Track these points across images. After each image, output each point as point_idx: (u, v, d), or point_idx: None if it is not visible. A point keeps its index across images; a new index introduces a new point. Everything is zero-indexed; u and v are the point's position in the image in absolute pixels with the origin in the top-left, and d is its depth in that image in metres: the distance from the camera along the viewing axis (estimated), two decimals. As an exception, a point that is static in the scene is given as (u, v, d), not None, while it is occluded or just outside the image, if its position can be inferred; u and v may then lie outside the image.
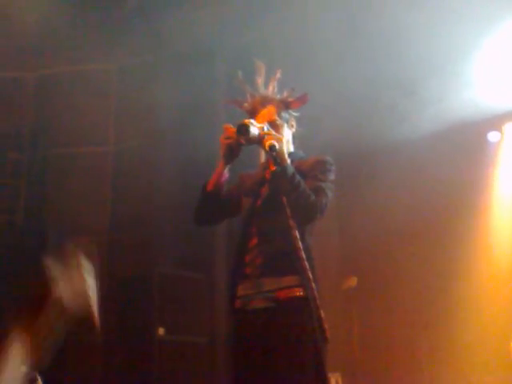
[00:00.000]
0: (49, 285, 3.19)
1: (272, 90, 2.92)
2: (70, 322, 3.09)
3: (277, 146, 2.50)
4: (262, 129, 2.58)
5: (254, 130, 2.55)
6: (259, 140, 2.55)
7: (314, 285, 2.49)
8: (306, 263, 2.51)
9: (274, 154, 2.49)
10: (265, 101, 2.85)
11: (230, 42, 6.76)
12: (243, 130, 2.52)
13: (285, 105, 2.86)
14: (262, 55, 3.08)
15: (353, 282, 6.80)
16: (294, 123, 2.91)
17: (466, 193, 7.03)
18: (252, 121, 2.58)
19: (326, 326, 2.46)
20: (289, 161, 2.61)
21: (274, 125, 2.75)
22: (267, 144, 2.50)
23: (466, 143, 7.00)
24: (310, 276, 2.49)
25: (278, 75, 2.95)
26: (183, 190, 5.55)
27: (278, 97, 2.91)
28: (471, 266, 6.94)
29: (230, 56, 6.79)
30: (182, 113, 6.43)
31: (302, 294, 2.54)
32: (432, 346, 6.87)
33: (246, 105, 2.91)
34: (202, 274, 5.98)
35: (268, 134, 2.56)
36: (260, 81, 2.93)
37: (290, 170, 2.55)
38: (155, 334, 5.60)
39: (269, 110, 2.82)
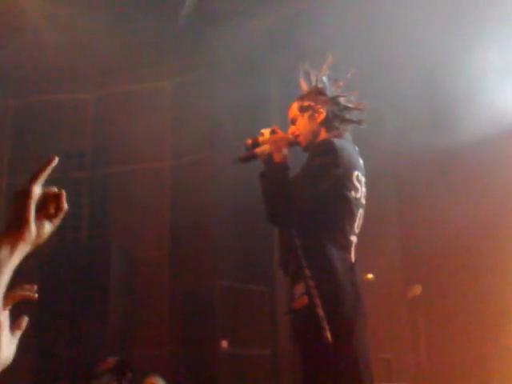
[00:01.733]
0: None
1: (313, 82, 2.86)
2: None
3: (257, 155, 2.67)
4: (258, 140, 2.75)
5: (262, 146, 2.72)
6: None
7: (315, 291, 2.41)
8: (308, 270, 2.44)
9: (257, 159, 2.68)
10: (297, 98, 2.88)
11: (282, 53, 6.77)
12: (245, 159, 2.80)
13: (335, 104, 2.79)
14: (315, 65, 3.06)
15: (417, 290, 6.70)
16: (321, 110, 2.74)
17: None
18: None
19: (325, 326, 2.36)
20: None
21: (294, 120, 2.80)
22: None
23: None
24: (311, 283, 2.43)
25: (326, 66, 2.89)
26: (242, 203, 5.56)
27: (316, 86, 2.82)
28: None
29: (283, 67, 6.79)
30: (237, 126, 6.47)
31: (306, 301, 2.46)
32: (502, 356, 6.65)
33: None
34: (262, 286, 5.96)
35: (264, 143, 2.70)
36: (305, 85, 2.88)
37: (266, 173, 2.62)
38: (218, 347, 5.61)
39: (292, 109, 2.84)
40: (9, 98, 7.66)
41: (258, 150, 2.70)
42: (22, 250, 1.11)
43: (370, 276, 4.49)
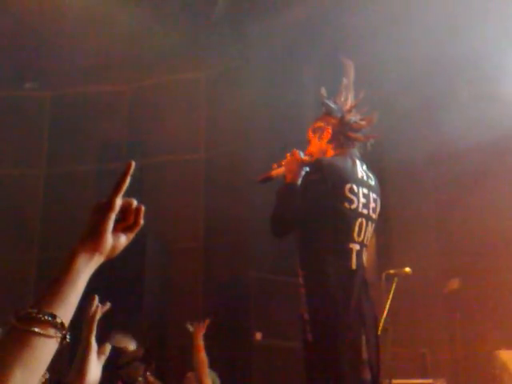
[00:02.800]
0: None
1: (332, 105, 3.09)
2: None
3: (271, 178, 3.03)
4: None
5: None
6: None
7: (304, 298, 2.72)
8: (302, 279, 2.76)
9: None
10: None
11: (317, 44, 6.70)
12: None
13: (342, 123, 3.03)
14: (350, 57, 3.06)
15: (455, 284, 6.66)
16: (329, 130, 3.01)
17: None
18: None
19: (307, 328, 2.65)
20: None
21: (309, 141, 3.09)
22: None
23: None
24: (302, 291, 2.74)
25: (343, 88, 3.11)
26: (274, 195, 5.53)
27: (333, 112, 3.06)
28: None
29: (318, 59, 6.72)
30: (272, 118, 6.44)
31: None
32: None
33: None
34: (297, 277, 5.92)
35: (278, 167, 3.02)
36: (343, 95, 3.10)
37: (277, 192, 2.91)
38: (252, 339, 5.61)
39: (308, 131, 3.13)
40: (46, 89, 7.77)
41: (273, 173, 3.04)
42: (97, 262, 1.12)
43: (408, 269, 4.44)
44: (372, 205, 2.87)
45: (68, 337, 1.03)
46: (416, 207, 7.06)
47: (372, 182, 2.93)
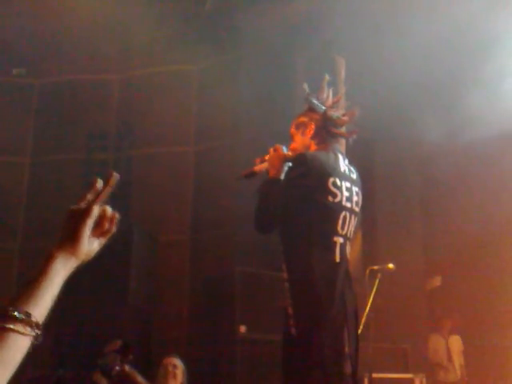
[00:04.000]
0: None
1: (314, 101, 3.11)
2: None
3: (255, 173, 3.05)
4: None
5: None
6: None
7: (288, 293, 2.74)
8: (286, 273, 2.77)
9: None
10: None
11: (309, 39, 6.71)
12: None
13: (324, 119, 3.05)
14: (341, 48, 3.08)
15: (437, 281, 6.79)
16: (312, 126, 3.04)
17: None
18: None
19: (291, 323, 2.68)
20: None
21: (292, 137, 3.12)
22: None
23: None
24: (286, 285, 2.76)
25: (325, 83, 3.12)
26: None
27: (316, 107, 3.08)
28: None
29: (310, 54, 6.73)
30: (262, 112, 6.44)
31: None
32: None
33: None
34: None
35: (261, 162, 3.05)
36: (325, 93, 3.11)
37: (259, 187, 2.91)
38: (237, 332, 5.63)
39: (291, 127, 3.15)
40: (34, 77, 7.70)
41: (256, 168, 3.05)
42: (72, 265, 1.18)
43: (391, 266, 4.50)
44: (355, 198, 2.90)
45: (40, 336, 1.08)
46: (402, 205, 7.14)
47: (354, 176, 2.96)
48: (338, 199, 2.79)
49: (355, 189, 2.92)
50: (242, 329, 5.67)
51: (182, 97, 7.19)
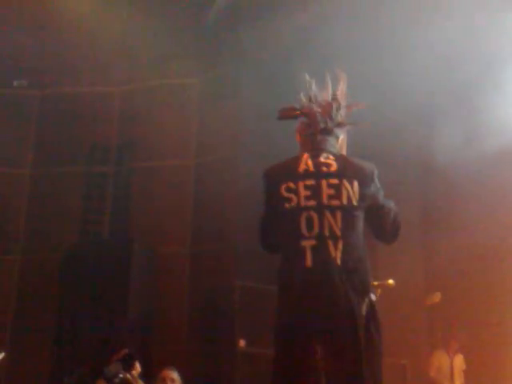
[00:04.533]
0: None
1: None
2: None
3: None
4: None
5: None
6: None
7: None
8: None
9: None
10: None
11: (310, 52, 6.74)
12: None
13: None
14: (341, 63, 3.08)
15: (436, 297, 6.77)
16: (297, 131, 3.02)
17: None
18: None
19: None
20: None
21: None
22: None
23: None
24: None
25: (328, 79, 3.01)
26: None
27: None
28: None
29: (311, 67, 6.75)
30: (263, 125, 6.46)
31: None
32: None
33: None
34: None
35: None
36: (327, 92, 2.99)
37: None
38: (236, 346, 5.62)
39: None
40: (35, 88, 7.71)
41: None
42: None
43: (391, 282, 4.47)
44: (328, 191, 2.71)
45: None
46: (402, 220, 7.13)
47: (329, 168, 2.76)
48: (294, 203, 2.71)
49: (330, 181, 2.73)
50: (242, 343, 5.66)
51: (182, 110, 7.20)
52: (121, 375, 3.63)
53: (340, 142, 2.96)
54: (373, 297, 2.64)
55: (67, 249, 6.47)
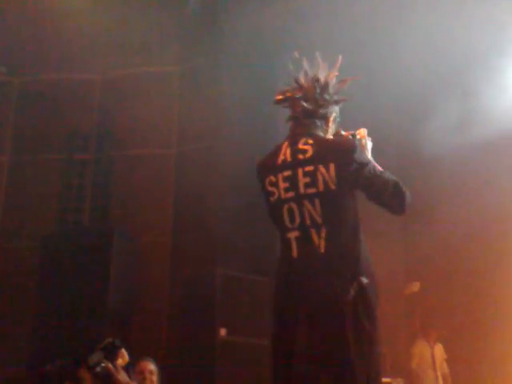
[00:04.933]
0: None
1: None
2: None
3: None
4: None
5: None
6: None
7: None
8: None
9: None
10: None
11: (291, 42, 6.72)
12: None
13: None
14: (324, 53, 3.06)
15: (415, 287, 6.85)
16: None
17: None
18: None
19: None
20: None
21: None
22: None
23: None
24: None
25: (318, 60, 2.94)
26: (246, 193, 5.54)
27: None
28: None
29: (292, 57, 6.74)
30: (245, 114, 6.44)
31: None
32: (495, 354, 6.78)
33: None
34: (263, 276, 5.95)
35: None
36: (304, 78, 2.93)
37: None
38: (217, 335, 5.63)
39: None
40: (14, 75, 7.61)
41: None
42: None
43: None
44: (304, 180, 2.66)
45: None
46: (381, 211, 7.17)
47: (304, 155, 2.70)
48: (275, 196, 2.73)
49: (305, 169, 2.67)
50: (222, 332, 5.67)
51: (163, 98, 7.15)
52: (103, 364, 3.60)
53: (331, 121, 2.89)
54: (364, 279, 2.58)
55: (46, 237, 6.41)
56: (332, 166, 2.64)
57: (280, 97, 2.97)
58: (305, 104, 2.85)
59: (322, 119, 2.86)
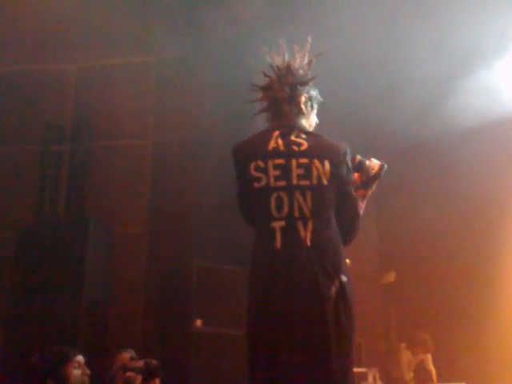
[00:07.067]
0: None
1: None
2: None
3: None
4: None
5: None
6: None
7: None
8: None
9: None
10: None
11: (268, 35, 6.72)
12: None
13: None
14: (304, 41, 3.06)
15: (391, 277, 6.87)
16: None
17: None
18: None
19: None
20: None
21: None
22: None
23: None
24: None
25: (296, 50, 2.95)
26: (223, 184, 5.55)
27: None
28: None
29: (271, 48, 6.74)
30: (222, 105, 6.44)
31: None
32: (474, 341, 6.86)
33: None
34: (240, 267, 5.97)
35: None
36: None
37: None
38: (193, 326, 5.64)
39: None
40: (-13, 65, 7.51)
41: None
42: None
43: (347, 261, 4.52)
44: (298, 171, 2.65)
45: None
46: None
47: (299, 147, 2.70)
48: (263, 183, 2.64)
49: (300, 160, 2.67)
50: (198, 323, 5.69)
51: (140, 89, 7.12)
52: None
53: (302, 103, 2.86)
54: (344, 278, 2.57)
55: (21, 229, 6.37)
56: (327, 163, 2.66)
57: (258, 98, 2.97)
58: (277, 92, 2.85)
59: (294, 103, 2.84)
